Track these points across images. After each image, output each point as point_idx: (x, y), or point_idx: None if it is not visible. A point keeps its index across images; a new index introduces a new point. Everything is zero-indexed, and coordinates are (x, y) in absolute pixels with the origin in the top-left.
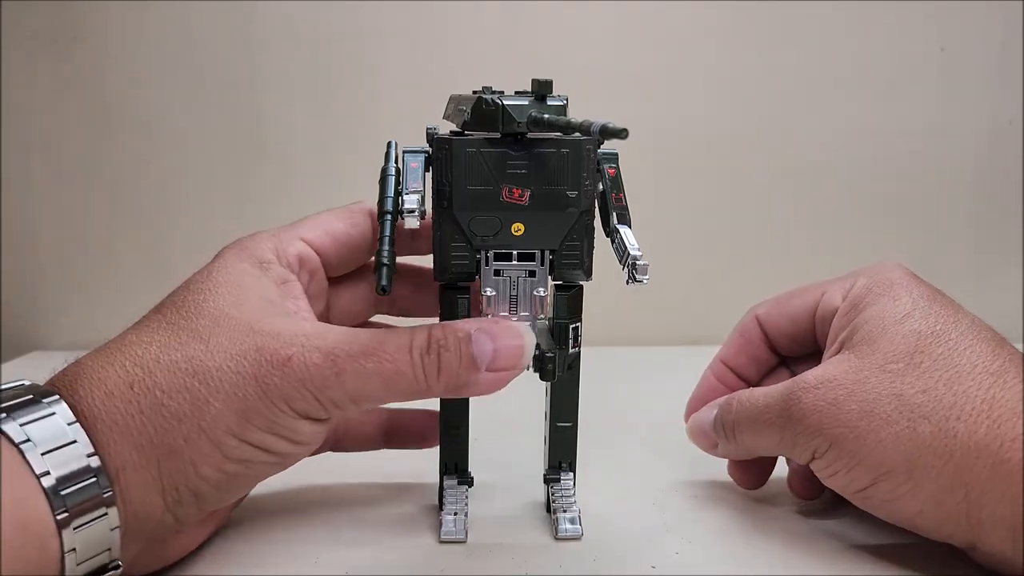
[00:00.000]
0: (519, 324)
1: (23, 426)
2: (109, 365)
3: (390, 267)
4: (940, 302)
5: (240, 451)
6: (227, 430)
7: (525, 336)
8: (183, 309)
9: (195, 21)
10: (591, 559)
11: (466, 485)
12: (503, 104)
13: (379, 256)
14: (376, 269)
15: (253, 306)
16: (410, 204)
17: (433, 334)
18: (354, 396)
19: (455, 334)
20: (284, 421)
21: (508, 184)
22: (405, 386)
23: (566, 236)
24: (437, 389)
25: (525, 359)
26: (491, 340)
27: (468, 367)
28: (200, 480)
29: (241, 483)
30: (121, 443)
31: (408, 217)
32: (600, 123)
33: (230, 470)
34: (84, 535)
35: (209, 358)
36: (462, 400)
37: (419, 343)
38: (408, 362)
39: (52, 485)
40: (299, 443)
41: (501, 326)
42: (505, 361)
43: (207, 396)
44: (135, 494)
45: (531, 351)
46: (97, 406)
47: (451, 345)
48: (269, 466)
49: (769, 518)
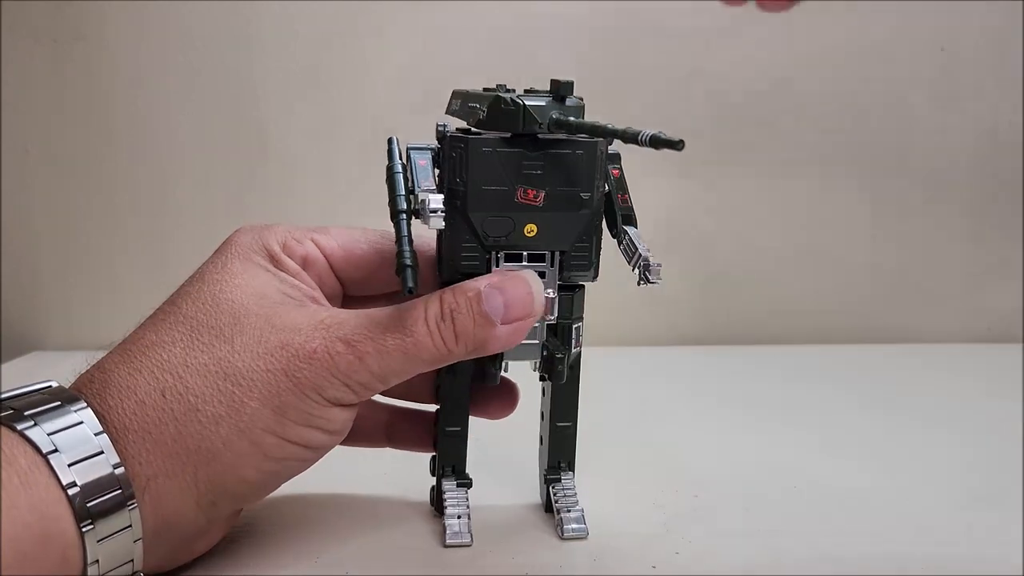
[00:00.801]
0: (525, 272)
1: (51, 435)
2: (137, 372)
3: (414, 268)
4: None
5: (279, 449)
6: (265, 428)
7: (532, 283)
8: (199, 302)
9: (195, 21)
10: (591, 559)
11: (465, 487)
12: (525, 104)
13: (401, 258)
14: (399, 272)
15: (270, 299)
16: (435, 204)
17: (444, 299)
18: (380, 376)
19: (465, 295)
20: (318, 411)
21: (523, 185)
22: (427, 356)
23: (576, 238)
24: (459, 352)
25: (537, 304)
26: (500, 293)
27: (483, 325)
28: (240, 482)
29: (277, 480)
30: (154, 452)
31: (433, 217)
32: (650, 133)
33: (269, 469)
34: (108, 546)
35: (238, 359)
36: (461, 402)
37: (433, 312)
38: (426, 332)
39: (78, 496)
40: (333, 432)
41: (507, 277)
42: (518, 311)
43: (242, 397)
44: (168, 501)
45: (541, 296)
46: (128, 416)
47: (463, 307)
48: (303, 463)
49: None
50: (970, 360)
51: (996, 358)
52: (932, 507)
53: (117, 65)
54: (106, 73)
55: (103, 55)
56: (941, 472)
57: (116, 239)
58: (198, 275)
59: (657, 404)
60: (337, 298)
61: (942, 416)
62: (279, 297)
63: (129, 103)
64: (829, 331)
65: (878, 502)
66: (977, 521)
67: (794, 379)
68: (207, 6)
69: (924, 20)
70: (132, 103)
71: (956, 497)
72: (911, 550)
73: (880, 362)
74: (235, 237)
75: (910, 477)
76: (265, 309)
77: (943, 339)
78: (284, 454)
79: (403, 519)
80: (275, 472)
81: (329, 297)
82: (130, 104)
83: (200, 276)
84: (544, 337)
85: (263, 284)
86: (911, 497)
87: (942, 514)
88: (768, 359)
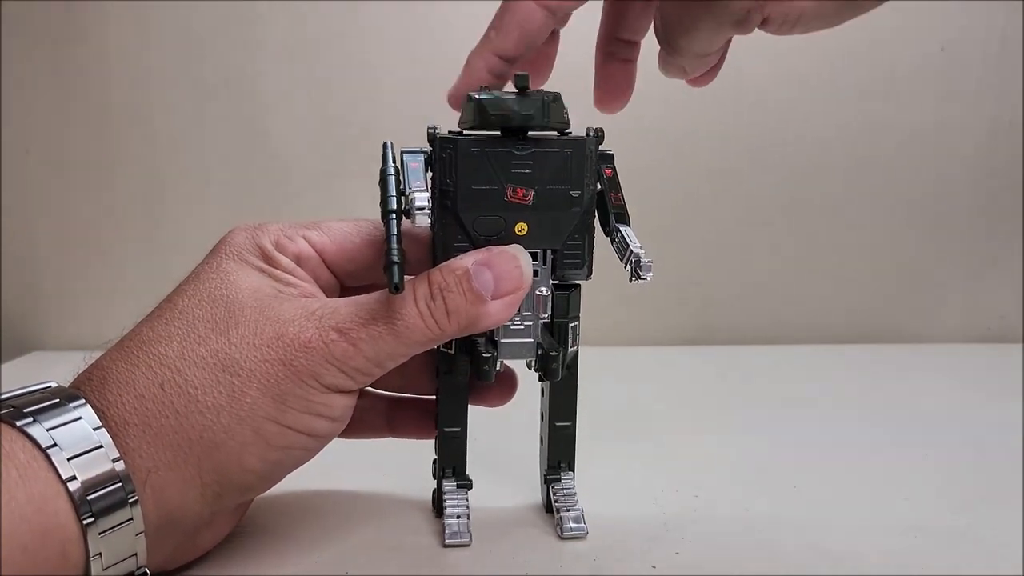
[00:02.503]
0: (512, 246)
1: (50, 431)
2: (135, 367)
3: (401, 265)
4: None
5: (281, 436)
6: (266, 416)
7: (520, 256)
8: (195, 299)
9: (196, 21)
10: (592, 559)
11: (466, 488)
12: (477, 98)
13: (389, 255)
14: (386, 269)
15: (264, 293)
16: (420, 201)
17: (432, 279)
18: (375, 360)
19: (453, 274)
20: (317, 398)
21: (512, 184)
22: (420, 337)
23: (568, 236)
24: (451, 331)
25: (526, 278)
26: (489, 268)
27: (475, 302)
28: (243, 471)
29: (282, 470)
30: (155, 444)
31: (419, 215)
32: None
33: (272, 457)
34: (110, 540)
35: (235, 350)
36: (460, 403)
37: (422, 293)
38: (416, 314)
39: (78, 490)
40: (334, 419)
41: (494, 253)
42: (508, 285)
43: (241, 387)
44: (171, 493)
45: (529, 268)
46: (128, 410)
47: (452, 286)
48: (306, 451)
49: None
50: (970, 360)
51: (996, 358)
52: (932, 507)
53: (117, 66)
54: (106, 74)
55: (103, 56)
56: (941, 472)
57: (116, 239)
58: (193, 275)
59: (657, 404)
60: (334, 291)
61: (942, 416)
62: (273, 292)
63: (129, 103)
64: (829, 331)
65: (878, 502)
66: (977, 521)
67: (794, 379)
68: (207, 7)
69: (924, 20)
70: (132, 103)
71: (956, 497)
72: (911, 550)
73: (880, 362)
74: (229, 237)
75: (910, 477)
76: (259, 302)
77: (943, 339)
78: (286, 442)
79: (403, 519)
80: (278, 461)
81: (325, 291)
82: (130, 104)
83: (196, 275)
84: (539, 335)
85: (257, 280)
86: (911, 497)
87: (942, 514)
88: (768, 359)
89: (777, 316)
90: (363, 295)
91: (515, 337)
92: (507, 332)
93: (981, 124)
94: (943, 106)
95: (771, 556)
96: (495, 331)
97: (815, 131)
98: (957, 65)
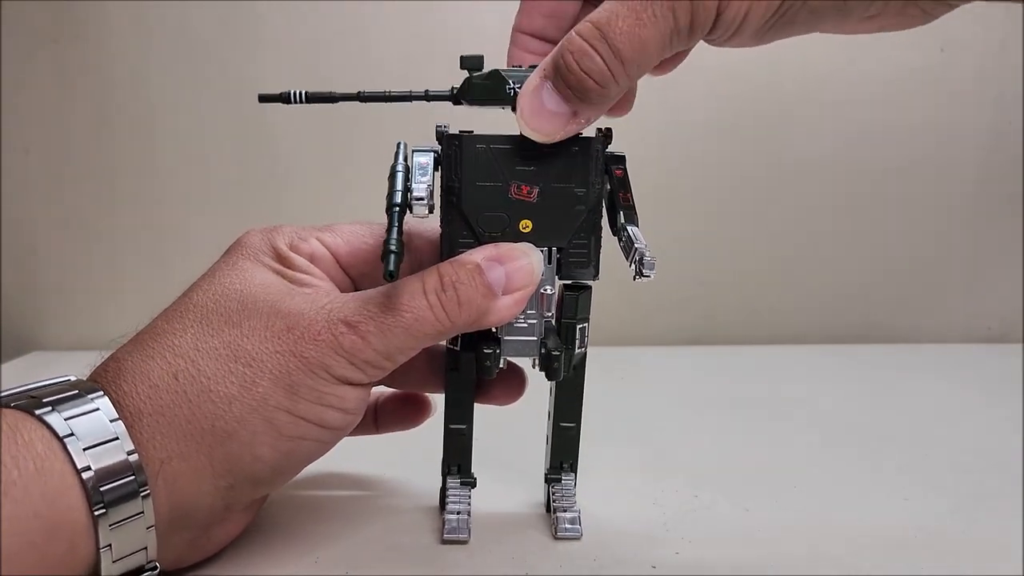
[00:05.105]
0: (522, 244)
1: (68, 420)
2: (150, 358)
3: (398, 254)
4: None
5: (293, 427)
6: (278, 405)
7: (532, 253)
8: (209, 293)
9: (195, 20)
10: (591, 559)
11: (469, 486)
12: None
13: (387, 244)
14: (383, 257)
15: (276, 288)
16: (418, 192)
17: (443, 272)
18: (384, 353)
19: (465, 267)
20: (329, 389)
21: (517, 181)
22: (429, 329)
23: (574, 234)
24: (460, 323)
25: (536, 275)
26: (500, 264)
27: (487, 296)
28: (256, 462)
29: (294, 463)
30: (168, 434)
31: (416, 205)
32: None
33: (285, 448)
34: (120, 532)
35: (247, 342)
36: (466, 400)
37: (432, 285)
38: (425, 306)
39: (92, 480)
40: (347, 411)
41: (504, 250)
42: (519, 281)
43: (253, 377)
44: (183, 483)
45: (540, 265)
46: (142, 400)
47: (465, 279)
48: (319, 443)
49: (769, 518)
50: (970, 360)
51: (996, 358)
52: (932, 507)
53: (117, 65)
54: (106, 73)
55: (103, 55)
56: (941, 472)
57: (116, 239)
58: (209, 272)
59: (657, 404)
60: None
61: (942, 416)
62: (285, 288)
63: (129, 103)
64: (829, 331)
65: (878, 502)
66: (977, 521)
67: (794, 379)
68: (207, 6)
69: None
70: (132, 103)
71: (956, 497)
72: (911, 550)
73: (880, 362)
74: (244, 238)
75: (910, 477)
76: (271, 297)
77: (943, 339)
78: (299, 432)
79: (404, 517)
80: (290, 451)
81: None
82: (130, 104)
83: (211, 273)
84: (542, 334)
85: (270, 278)
86: (911, 497)
87: (942, 514)
88: (768, 359)
89: (777, 316)
90: (372, 289)
91: (518, 335)
92: (510, 329)
93: (981, 125)
94: (943, 107)
95: (771, 556)
96: (499, 328)
97: (816, 133)
98: (957, 66)
